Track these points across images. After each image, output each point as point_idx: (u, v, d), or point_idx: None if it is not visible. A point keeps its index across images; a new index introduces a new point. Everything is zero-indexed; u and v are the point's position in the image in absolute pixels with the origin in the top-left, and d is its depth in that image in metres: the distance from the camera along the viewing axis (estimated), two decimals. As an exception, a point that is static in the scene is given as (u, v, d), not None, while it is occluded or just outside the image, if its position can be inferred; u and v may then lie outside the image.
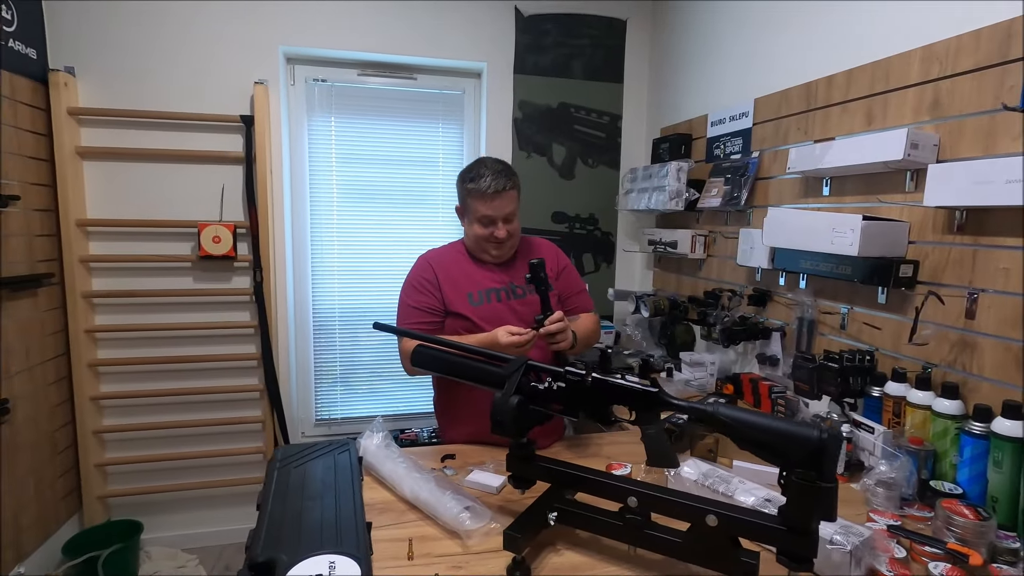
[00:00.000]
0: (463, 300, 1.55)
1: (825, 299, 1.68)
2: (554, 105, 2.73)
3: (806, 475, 0.83)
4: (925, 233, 1.38)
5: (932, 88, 1.35)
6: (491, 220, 1.52)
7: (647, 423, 0.97)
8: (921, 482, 1.26)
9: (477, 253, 1.61)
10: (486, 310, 1.53)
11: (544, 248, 1.71)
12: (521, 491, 1.12)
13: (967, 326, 1.27)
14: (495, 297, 1.56)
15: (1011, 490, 1.14)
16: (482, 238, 1.54)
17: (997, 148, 1.21)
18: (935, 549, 1.04)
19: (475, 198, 1.51)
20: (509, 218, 1.53)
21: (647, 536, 0.99)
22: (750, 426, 0.88)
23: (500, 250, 1.57)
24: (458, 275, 1.59)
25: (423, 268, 1.60)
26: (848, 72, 1.59)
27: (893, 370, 1.42)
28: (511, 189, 1.52)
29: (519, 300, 1.57)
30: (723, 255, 2.18)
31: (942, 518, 1.10)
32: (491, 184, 1.48)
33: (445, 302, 1.56)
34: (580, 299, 1.68)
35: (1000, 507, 1.15)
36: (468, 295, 1.55)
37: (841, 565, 0.97)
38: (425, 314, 1.55)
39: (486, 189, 1.48)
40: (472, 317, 1.51)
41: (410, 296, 1.58)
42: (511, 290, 1.57)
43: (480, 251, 1.59)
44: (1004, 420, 1.15)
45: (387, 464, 1.32)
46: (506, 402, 1.03)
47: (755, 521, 0.91)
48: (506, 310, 1.52)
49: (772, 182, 1.91)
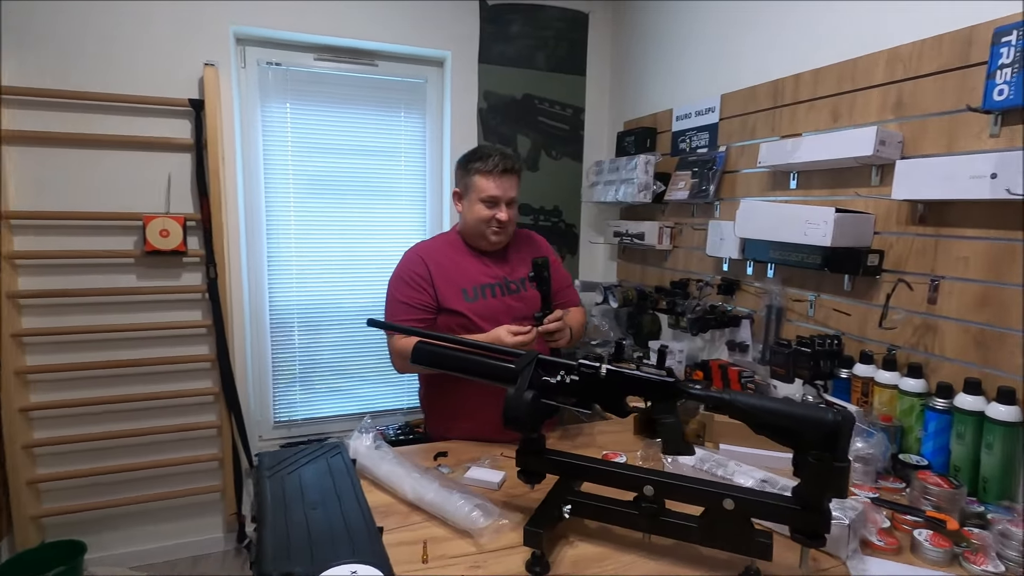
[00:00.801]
0: (457, 296, 1.51)
1: (793, 287, 1.77)
2: (519, 96, 2.71)
3: (822, 456, 0.87)
4: (889, 224, 1.48)
5: (896, 89, 1.44)
6: (495, 201, 1.50)
7: (664, 413, 0.99)
8: (891, 456, 1.35)
9: (474, 239, 1.58)
10: (481, 306, 1.50)
11: (537, 242, 1.71)
12: (531, 486, 1.11)
13: (929, 311, 1.38)
14: (490, 293, 1.54)
15: (972, 459, 1.25)
16: (484, 220, 1.51)
17: (958, 146, 1.31)
18: (916, 517, 1.13)
19: (483, 176, 1.49)
20: (511, 202, 1.53)
21: (662, 523, 1.01)
22: (769, 412, 0.91)
23: (500, 235, 1.55)
24: (451, 270, 1.55)
25: (414, 262, 1.55)
26: (815, 71, 1.67)
27: (861, 353, 1.51)
28: (517, 172, 1.54)
29: (514, 296, 1.55)
30: (689, 246, 2.25)
31: (918, 488, 1.19)
32: (500, 163, 1.48)
33: (438, 298, 1.51)
34: (568, 293, 1.69)
35: (962, 475, 1.26)
36: (463, 291, 1.52)
37: (840, 538, 1.02)
38: (417, 311, 1.50)
39: (494, 168, 1.47)
40: (468, 313, 1.48)
41: (401, 291, 1.52)
42: (505, 285, 1.56)
43: (478, 236, 1.56)
44: (965, 396, 1.26)
45: (383, 465, 1.28)
46: (520, 397, 1.02)
47: (770, 502, 0.94)
48: (501, 306, 1.50)
49: (739, 176, 1.99)
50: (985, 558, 1.01)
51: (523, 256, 1.65)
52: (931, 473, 1.23)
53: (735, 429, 1.43)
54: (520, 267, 1.61)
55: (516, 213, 1.57)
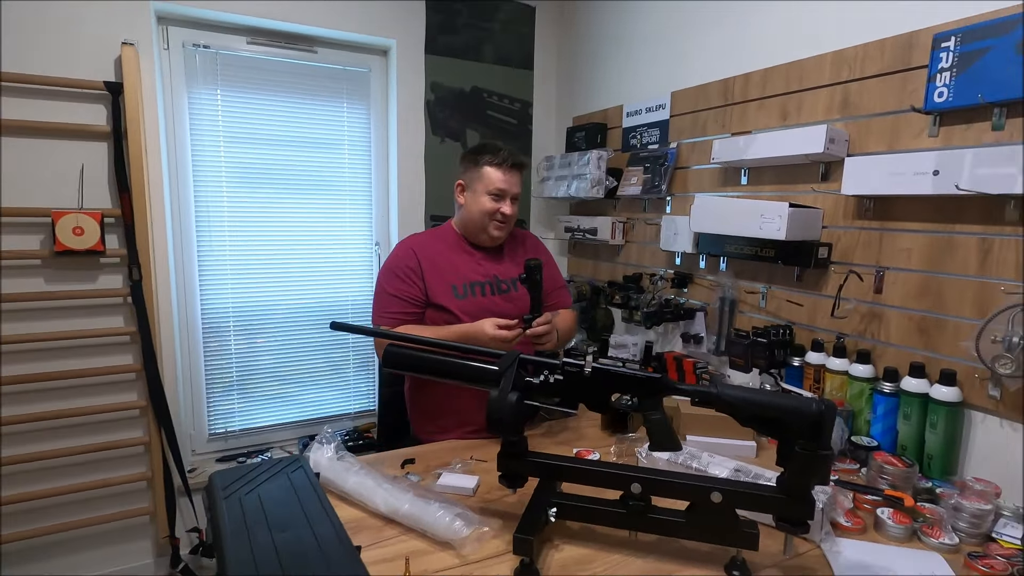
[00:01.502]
0: (447, 292, 1.48)
1: (745, 279, 1.83)
2: (467, 89, 2.65)
3: (807, 445, 0.89)
4: (837, 219, 1.55)
5: (842, 89, 1.52)
6: (502, 195, 1.52)
7: (650, 409, 0.98)
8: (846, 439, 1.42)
9: (474, 233, 1.57)
10: (469, 304, 1.47)
11: (533, 242, 1.72)
12: (513, 490, 1.07)
13: (875, 300, 1.46)
14: (479, 291, 1.52)
15: (917, 438, 1.34)
16: (488, 213, 1.52)
17: (899, 144, 1.40)
18: (875, 497, 1.19)
19: (493, 168, 1.51)
20: (515, 198, 1.55)
21: (650, 520, 1.00)
22: (755, 404, 0.92)
23: (501, 230, 1.56)
24: (443, 264, 1.53)
25: (406, 255, 1.53)
26: (764, 71, 1.73)
27: (812, 341, 1.59)
28: (525, 168, 1.57)
29: (503, 295, 1.54)
30: (642, 241, 2.29)
31: (875, 468, 1.25)
32: (509, 158, 1.52)
33: (427, 292, 1.49)
34: (560, 295, 1.70)
35: (909, 453, 1.35)
36: (452, 287, 1.48)
37: (815, 523, 1.06)
38: (406, 304, 1.48)
39: (504, 161, 1.51)
40: (454, 311, 1.45)
41: (390, 283, 1.50)
42: (495, 284, 1.55)
43: (479, 230, 1.55)
44: (911, 379, 1.35)
45: (350, 478, 1.20)
46: (504, 400, 0.98)
47: (756, 493, 0.96)
48: (489, 305, 1.46)
49: (691, 171, 2.03)
50: (941, 531, 1.08)
51: (517, 256, 1.65)
52: (884, 453, 1.30)
53: (700, 420, 1.46)
54: (513, 267, 1.61)
55: (517, 210, 1.58)
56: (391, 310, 1.50)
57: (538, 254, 1.69)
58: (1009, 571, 0.98)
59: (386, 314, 1.51)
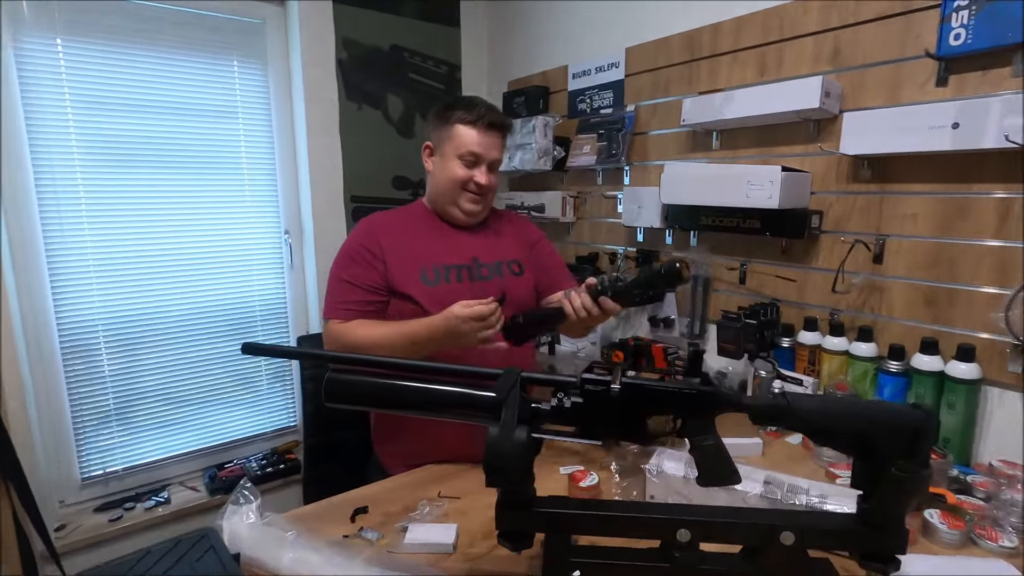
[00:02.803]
0: (414, 278, 1.21)
1: (720, 255, 1.66)
2: (386, 48, 2.27)
3: (905, 465, 0.69)
4: (828, 183, 1.40)
5: (833, 37, 1.36)
6: (476, 160, 1.25)
7: (700, 433, 0.75)
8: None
9: (444, 207, 1.30)
10: (441, 291, 1.20)
11: (524, 223, 1.47)
12: (517, 551, 0.80)
13: (875, 271, 1.33)
14: (454, 276, 1.25)
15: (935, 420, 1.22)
16: (460, 182, 1.25)
17: (902, 97, 1.25)
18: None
19: (466, 127, 1.24)
20: (494, 166, 1.28)
21: (699, 573, 0.77)
22: (839, 417, 0.71)
23: (476, 203, 1.28)
24: (410, 245, 1.25)
25: (365, 234, 1.26)
26: (737, 20, 1.55)
27: (805, 319, 1.44)
28: (505, 131, 1.31)
29: (484, 282, 1.26)
30: (596, 216, 2.07)
31: (905, 462, 1.11)
32: (487, 115, 1.24)
33: (389, 279, 1.22)
34: (560, 275, 1.42)
35: (922, 437, 1.23)
36: (421, 271, 1.22)
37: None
38: (363, 292, 1.21)
39: (480, 119, 1.23)
40: (420, 300, 1.20)
41: (345, 269, 1.23)
42: (474, 269, 1.28)
43: (449, 203, 1.28)
44: (923, 356, 1.23)
45: (284, 553, 0.87)
46: (509, 438, 0.70)
47: (835, 528, 0.76)
48: (465, 293, 1.15)
49: (651, 137, 1.83)
50: (997, 532, 0.95)
51: (504, 235, 1.37)
52: (908, 442, 1.17)
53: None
54: (498, 249, 1.33)
55: (496, 183, 1.31)
56: (345, 300, 1.22)
57: (527, 230, 1.44)
58: (1087, 575, 0.86)
59: (339, 305, 1.22)
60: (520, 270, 1.35)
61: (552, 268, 1.42)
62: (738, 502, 0.98)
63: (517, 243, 1.38)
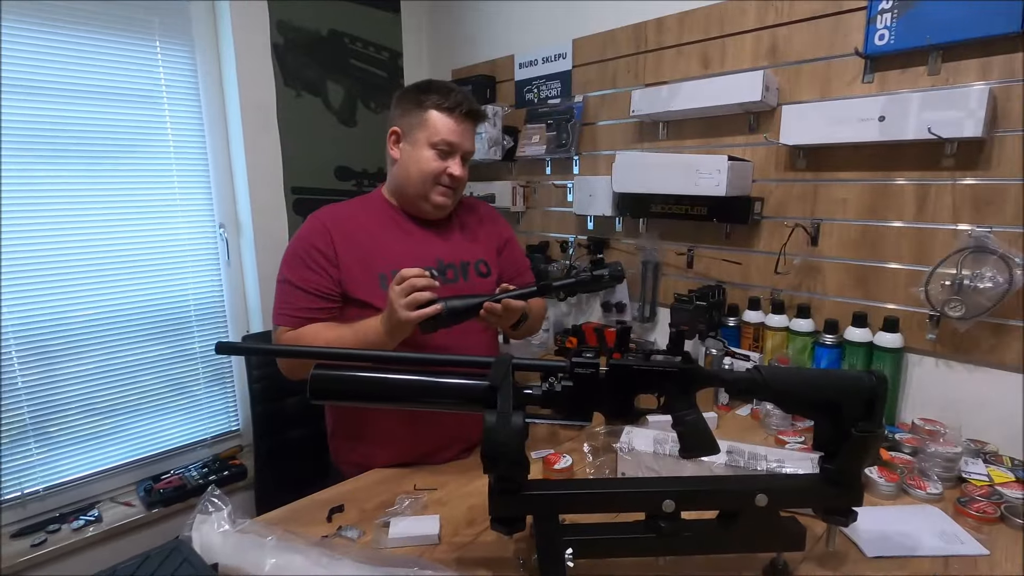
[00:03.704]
0: (371, 284, 1.13)
1: (669, 241, 1.74)
2: (324, 32, 2.18)
3: (866, 426, 0.77)
4: (768, 171, 1.50)
5: (770, 34, 1.45)
6: (451, 150, 1.17)
7: (684, 408, 0.79)
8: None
9: (410, 200, 1.21)
10: None
11: (486, 212, 1.39)
12: (510, 535, 0.81)
13: (811, 253, 1.44)
14: None
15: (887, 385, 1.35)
16: (432, 174, 1.17)
17: (832, 92, 1.36)
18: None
19: (441, 113, 1.16)
20: (467, 157, 1.21)
21: (684, 540, 0.82)
22: (810, 386, 0.78)
23: (447, 197, 1.20)
24: (368, 247, 1.15)
25: (317, 232, 1.15)
26: (680, 15, 1.61)
27: (749, 299, 1.54)
28: (481, 120, 1.25)
29: (449, 285, 1.18)
30: (546, 205, 2.10)
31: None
32: (465, 103, 1.16)
33: (345, 284, 1.13)
34: (525, 279, 1.37)
35: (854, 403, 1.36)
36: (380, 277, 1.12)
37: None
38: (316, 299, 1.12)
39: (458, 105, 1.15)
40: (382, 307, 1.06)
41: (293, 271, 1.14)
42: (440, 271, 1.17)
43: (417, 196, 1.20)
44: (854, 329, 1.35)
45: (266, 558, 0.84)
46: (507, 425, 0.71)
47: (802, 488, 0.82)
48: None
49: (600, 127, 1.87)
50: (925, 482, 1.07)
51: (470, 231, 1.30)
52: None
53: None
54: (464, 248, 1.26)
55: (467, 174, 1.24)
56: (295, 306, 1.13)
57: (498, 227, 1.38)
58: (999, 512, 0.98)
59: (287, 311, 1.14)
60: (488, 271, 1.29)
61: (518, 274, 1.38)
62: (705, 472, 1.04)
63: (487, 241, 1.32)
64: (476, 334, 1.22)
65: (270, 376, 1.65)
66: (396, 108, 1.23)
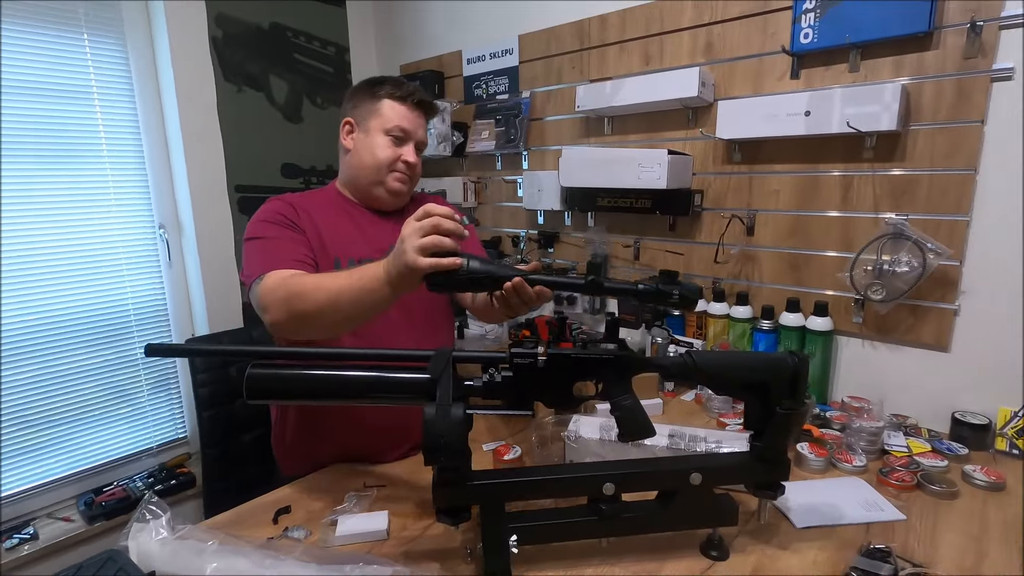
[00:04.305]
0: (327, 268, 1.11)
1: (616, 233, 1.78)
2: (265, 26, 2.12)
3: (790, 404, 0.81)
4: (707, 165, 1.55)
5: (705, 32, 1.50)
6: (405, 137, 1.18)
7: (621, 394, 0.82)
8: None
9: (364, 189, 1.21)
10: None
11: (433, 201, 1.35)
12: (456, 525, 0.83)
13: (749, 242, 1.50)
14: None
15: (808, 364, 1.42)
16: (387, 161, 1.17)
17: (764, 88, 1.42)
18: (788, 433, 1.22)
19: (395, 102, 1.17)
20: (420, 147, 1.21)
21: (624, 521, 0.85)
22: (740, 368, 0.82)
23: (403, 184, 1.20)
24: (325, 230, 1.14)
25: (282, 207, 1.14)
26: (622, 12, 1.65)
27: (692, 289, 1.59)
28: (433, 113, 1.27)
29: None
30: (497, 201, 2.11)
31: (779, 406, 1.28)
32: (417, 93, 1.18)
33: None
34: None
35: (790, 384, 1.43)
36: (335, 261, 1.11)
37: (762, 475, 1.03)
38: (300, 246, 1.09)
39: (410, 95, 1.17)
40: None
41: (269, 229, 1.09)
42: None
43: (372, 184, 1.19)
44: (788, 314, 1.41)
45: (207, 563, 0.82)
46: (447, 416, 0.72)
47: (734, 465, 0.87)
48: None
49: (548, 123, 1.90)
50: (851, 455, 1.14)
51: None
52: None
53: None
54: None
55: (420, 164, 1.24)
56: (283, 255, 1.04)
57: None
58: (916, 480, 1.06)
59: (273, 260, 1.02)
60: None
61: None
62: (648, 455, 1.08)
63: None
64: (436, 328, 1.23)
65: (218, 380, 1.60)
66: (349, 101, 1.23)
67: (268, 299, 0.97)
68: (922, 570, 0.80)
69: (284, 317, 0.94)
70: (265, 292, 0.98)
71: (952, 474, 1.09)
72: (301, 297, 0.92)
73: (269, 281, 0.98)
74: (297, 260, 1.05)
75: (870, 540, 0.89)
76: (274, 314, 0.96)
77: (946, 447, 1.17)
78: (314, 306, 0.91)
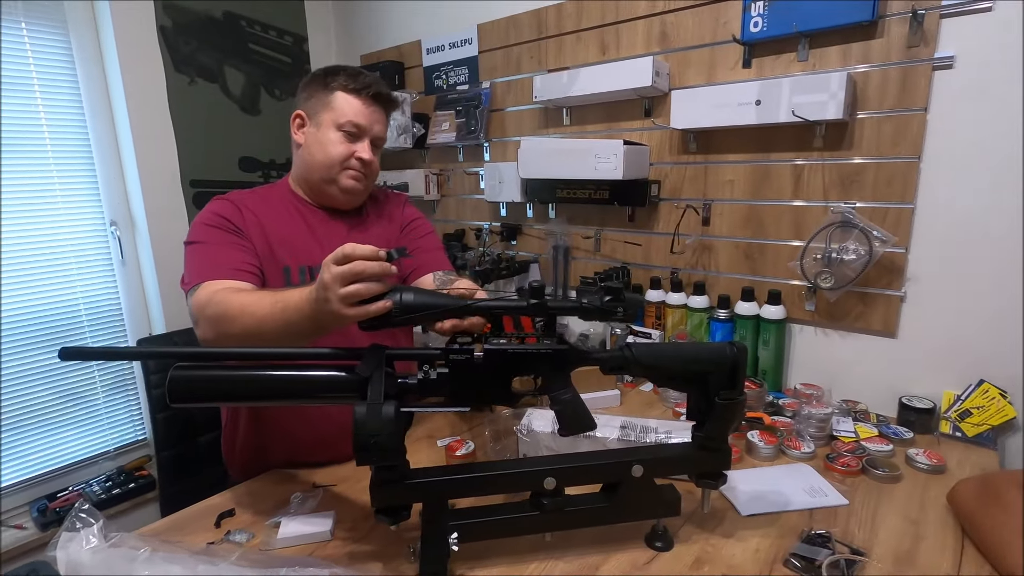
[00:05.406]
0: (275, 277, 1.06)
1: (577, 225, 1.77)
2: (218, 15, 2.06)
3: (729, 394, 0.81)
4: (663, 155, 1.55)
5: (659, 21, 1.49)
6: (359, 133, 1.11)
7: (560, 388, 0.81)
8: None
9: (318, 186, 1.15)
10: None
11: (400, 204, 1.33)
12: (395, 525, 0.81)
13: (705, 232, 1.51)
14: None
15: (752, 357, 1.43)
16: (339, 158, 1.11)
17: (717, 77, 1.42)
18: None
19: (348, 94, 1.10)
20: (377, 142, 1.16)
21: (567, 515, 0.85)
22: (676, 359, 0.81)
23: (358, 181, 1.14)
24: (272, 235, 1.09)
25: (225, 208, 1.08)
26: (577, 2, 1.63)
27: (651, 279, 1.60)
28: (392, 107, 1.19)
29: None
30: (460, 193, 2.09)
31: (732, 394, 1.29)
32: (374, 86, 1.11)
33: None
34: (431, 258, 1.25)
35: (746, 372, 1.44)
36: (285, 272, 1.06)
37: (710, 464, 1.03)
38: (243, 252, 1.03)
39: (365, 88, 1.10)
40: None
41: (208, 234, 1.04)
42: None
43: (324, 181, 1.13)
44: (743, 303, 1.42)
45: (139, 571, 0.80)
46: (378, 414, 0.71)
47: (676, 456, 0.87)
48: None
49: (508, 113, 1.88)
50: (800, 442, 1.15)
51: (374, 228, 1.22)
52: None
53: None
54: (377, 238, 1.16)
55: (378, 165, 1.19)
56: (222, 263, 1.00)
57: (401, 215, 1.29)
58: (861, 465, 1.07)
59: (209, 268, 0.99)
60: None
61: (423, 251, 1.26)
62: (599, 447, 1.08)
63: (387, 231, 1.24)
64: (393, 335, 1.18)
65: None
66: (302, 92, 1.16)
67: (199, 314, 0.94)
68: (858, 557, 0.82)
69: (212, 336, 0.93)
70: (198, 306, 0.95)
71: (897, 458, 1.11)
72: (228, 320, 0.90)
73: (202, 294, 0.95)
74: (237, 269, 1.01)
75: (812, 526, 0.90)
76: (203, 331, 0.95)
77: (892, 431, 1.19)
78: (241, 330, 0.88)
